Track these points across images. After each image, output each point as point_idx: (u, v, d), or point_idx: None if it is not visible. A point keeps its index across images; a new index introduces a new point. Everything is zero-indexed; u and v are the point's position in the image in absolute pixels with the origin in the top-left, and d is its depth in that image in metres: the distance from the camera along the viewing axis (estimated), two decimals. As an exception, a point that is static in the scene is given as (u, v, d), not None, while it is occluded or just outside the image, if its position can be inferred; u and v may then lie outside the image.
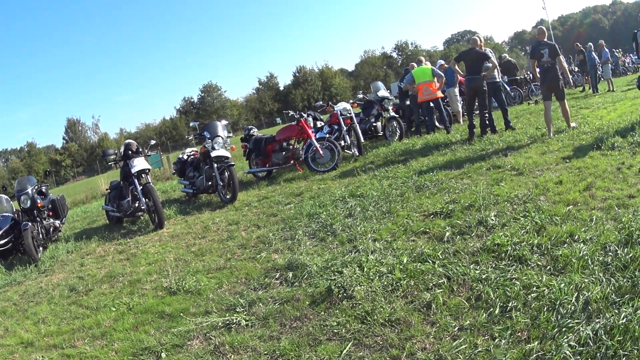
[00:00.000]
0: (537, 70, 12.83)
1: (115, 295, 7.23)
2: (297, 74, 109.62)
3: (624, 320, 3.98)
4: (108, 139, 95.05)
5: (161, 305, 6.37)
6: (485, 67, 13.64)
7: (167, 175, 24.62)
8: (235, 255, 7.85)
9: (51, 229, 11.92)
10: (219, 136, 12.27)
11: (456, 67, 15.25)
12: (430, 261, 5.85)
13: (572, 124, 12.62)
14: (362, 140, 15.95)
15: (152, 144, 13.42)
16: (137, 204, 11.46)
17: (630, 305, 4.19)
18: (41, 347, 6.09)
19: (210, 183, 12.48)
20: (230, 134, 13.51)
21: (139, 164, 11.43)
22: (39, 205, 11.43)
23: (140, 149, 12.10)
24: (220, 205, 11.88)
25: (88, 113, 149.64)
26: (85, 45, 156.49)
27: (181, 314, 6.03)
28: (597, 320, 4.13)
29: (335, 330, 4.89)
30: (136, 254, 9.27)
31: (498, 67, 15.02)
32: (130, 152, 11.75)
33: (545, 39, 12.60)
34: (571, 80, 18.20)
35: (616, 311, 4.18)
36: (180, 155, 15.09)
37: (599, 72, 26.08)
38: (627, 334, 3.87)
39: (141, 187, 11.30)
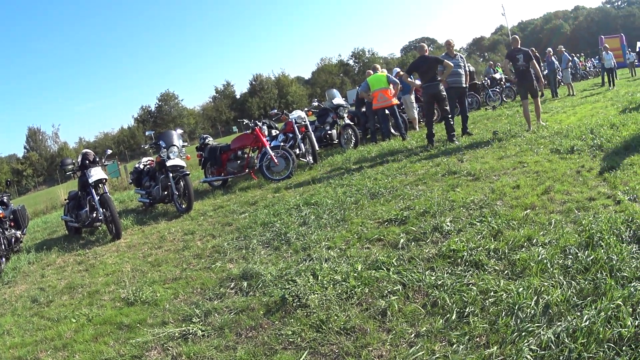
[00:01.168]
0: (512, 72, 14.99)
1: (75, 307, 7.20)
2: (253, 82, 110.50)
3: (587, 323, 4.05)
4: (68, 148, 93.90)
5: (119, 316, 6.38)
6: (440, 70, 13.83)
7: (124, 185, 24.88)
8: (190, 265, 7.91)
9: (13, 240, 11.77)
10: (174, 145, 12.48)
11: (409, 79, 15.44)
12: (384, 268, 5.90)
13: (542, 123, 14.11)
14: (317, 148, 16.20)
15: (109, 153, 13.48)
16: (94, 214, 11.55)
17: (593, 307, 4.26)
18: (7, 359, 6.08)
19: (166, 192, 12.62)
20: (186, 143, 13.58)
21: (96, 173, 11.48)
22: (1, 215, 11.38)
23: (97, 159, 12.10)
24: (177, 214, 12.02)
25: (48, 122, 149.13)
26: (44, 54, 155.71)
27: (139, 324, 6.03)
28: (559, 323, 4.19)
29: (291, 340, 4.90)
30: (94, 265, 9.27)
31: (464, 72, 15.27)
32: (87, 161, 11.75)
33: (519, 46, 14.42)
34: (543, 80, 19.39)
35: (578, 314, 4.25)
36: (137, 165, 15.20)
37: (558, 77, 26.78)
38: (591, 336, 3.94)
39: (98, 197, 11.35)
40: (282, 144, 14.97)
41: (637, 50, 41.72)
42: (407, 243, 6.61)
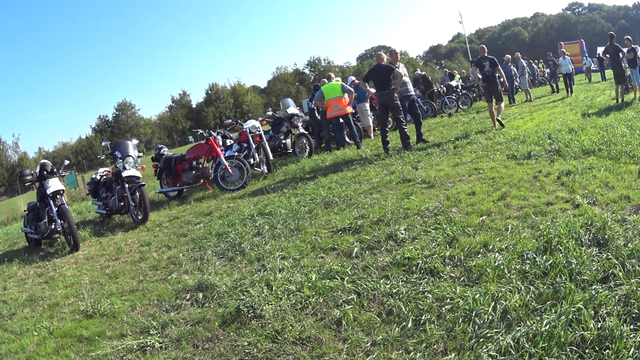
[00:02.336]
0: (480, 77, 16.65)
1: (37, 320, 7.18)
2: (209, 92, 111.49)
3: (548, 327, 4.12)
4: (27, 158, 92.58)
5: (79, 329, 6.41)
6: (393, 80, 13.98)
7: (82, 196, 24.91)
8: (147, 276, 7.99)
9: None
10: (130, 156, 12.69)
11: (367, 86, 15.59)
12: (339, 277, 5.96)
13: (499, 118, 15.78)
14: (272, 157, 16.35)
15: (66, 164, 13.49)
16: (53, 226, 11.58)
17: (554, 311, 4.35)
18: (-27, 373, 6.03)
19: (122, 203, 12.79)
20: (141, 154, 13.81)
21: (54, 184, 11.52)
22: None
23: (55, 169, 12.12)
24: (133, 225, 12.19)
25: (9, 131, 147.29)
26: (3, 61, 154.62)
27: (98, 337, 6.02)
28: (518, 328, 4.26)
29: (247, 350, 4.92)
30: (54, 277, 9.24)
31: (409, 80, 15.50)
32: (45, 172, 11.79)
33: (486, 54, 16.50)
34: (507, 85, 20.00)
35: (538, 318, 4.33)
36: (94, 176, 15.31)
37: (515, 83, 27.31)
38: (552, 340, 4.01)
39: (56, 209, 11.37)
40: (236, 153, 15.17)
41: (597, 55, 42.69)
42: (361, 252, 6.68)
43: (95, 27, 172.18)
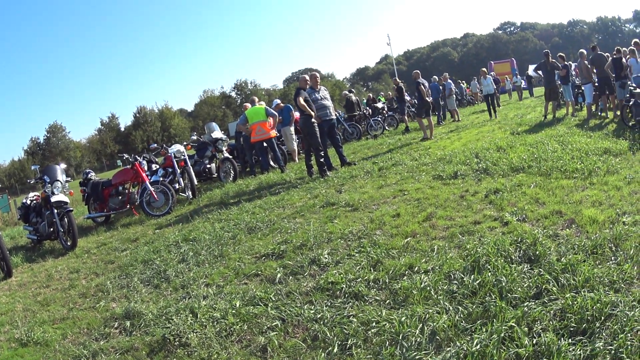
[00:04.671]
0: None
1: None
2: (137, 115, 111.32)
3: (479, 346, 4.18)
4: None
5: (15, 358, 6.41)
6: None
7: (14, 220, 24.56)
8: (77, 304, 7.96)
9: None
10: (58, 180, 12.69)
11: (292, 110, 15.78)
12: (262, 304, 5.98)
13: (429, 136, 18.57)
14: (196, 182, 16.56)
15: None
16: None
17: (484, 330, 4.40)
18: None
19: (52, 229, 12.65)
20: (69, 178, 13.72)
21: None
22: None
23: None
24: (63, 252, 12.13)
25: None
26: None
27: None
28: (448, 349, 4.31)
29: (175, 379, 4.83)
30: None
31: (330, 104, 15.65)
32: None
33: (420, 78, 20.26)
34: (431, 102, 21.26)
35: (468, 338, 4.38)
36: (24, 200, 15.24)
37: (442, 103, 27.87)
38: (485, 358, 4.07)
39: None
40: (161, 179, 15.24)
41: (526, 74, 43.98)
42: (284, 277, 6.71)
43: (26, 46, 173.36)
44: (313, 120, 14.02)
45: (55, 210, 12.34)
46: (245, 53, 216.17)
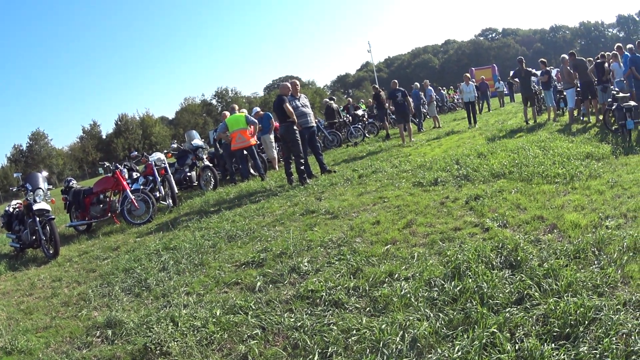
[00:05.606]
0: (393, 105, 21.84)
1: None
2: (119, 122, 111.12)
3: (460, 353, 4.19)
4: None
5: None
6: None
7: None
8: (59, 313, 7.91)
9: None
10: (40, 188, 12.80)
11: (271, 118, 15.82)
12: (242, 312, 5.97)
13: (413, 139, 20.55)
14: (177, 190, 16.48)
15: None
16: None
17: (466, 336, 4.41)
18: None
19: (34, 237, 12.69)
20: (51, 186, 13.96)
21: None
22: None
23: None
24: (45, 260, 12.13)
25: None
26: None
27: None
28: (429, 355, 4.31)
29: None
30: None
31: (310, 111, 15.70)
32: None
33: (397, 87, 21.82)
34: (413, 110, 21.66)
35: (450, 344, 4.38)
36: (7, 208, 15.28)
37: (424, 110, 27.95)
38: (467, 364, 4.05)
39: None
40: (142, 187, 15.26)
41: (507, 80, 44.25)
42: (264, 286, 6.71)
43: (8, 54, 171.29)
44: (295, 127, 14.08)
45: (38, 219, 12.32)
46: (226, 60, 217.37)
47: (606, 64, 17.26)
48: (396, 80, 22.72)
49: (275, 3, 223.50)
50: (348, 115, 28.79)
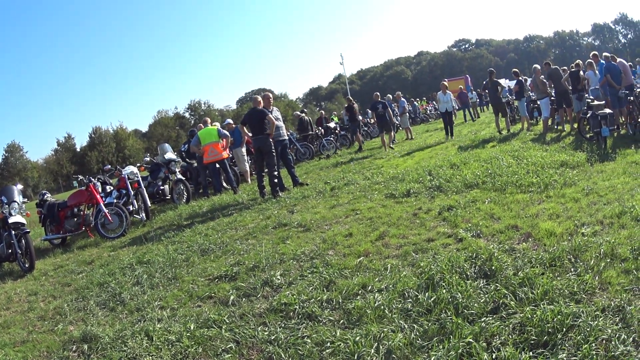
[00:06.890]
0: (375, 116, 23.67)
1: None
2: (93, 135, 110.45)
3: (436, 364, 4.16)
4: None
5: None
6: (267, 125, 14.16)
7: None
8: (36, 327, 7.89)
9: None
10: (15, 201, 12.74)
11: (244, 129, 15.78)
12: (216, 326, 5.96)
13: (392, 146, 23.17)
14: (150, 204, 16.54)
15: None
16: None
17: (441, 347, 4.42)
18: None
19: (10, 251, 12.62)
20: (25, 199, 13.82)
21: None
22: None
23: None
24: (21, 274, 12.06)
25: None
26: None
27: None
28: (405, 367, 4.27)
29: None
30: None
31: (283, 124, 15.74)
32: None
33: (380, 99, 23.69)
34: (395, 121, 22.57)
35: (425, 355, 4.40)
36: None
37: (396, 122, 28.11)
38: (443, 375, 4.04)
39: None
40: (115, 200, 15.28)
41: (477, 90, 44.54)
42: (237, 299, 6.71)
43: None
44: (271, 139, 14.10)
45: (13, 232, 12.28)
46: (199, 73, 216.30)
47: (581, 72, 17.42)
48: (378, 93, 24.84)
49: (248, 17, 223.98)
50: (320, 128, 28.86)
